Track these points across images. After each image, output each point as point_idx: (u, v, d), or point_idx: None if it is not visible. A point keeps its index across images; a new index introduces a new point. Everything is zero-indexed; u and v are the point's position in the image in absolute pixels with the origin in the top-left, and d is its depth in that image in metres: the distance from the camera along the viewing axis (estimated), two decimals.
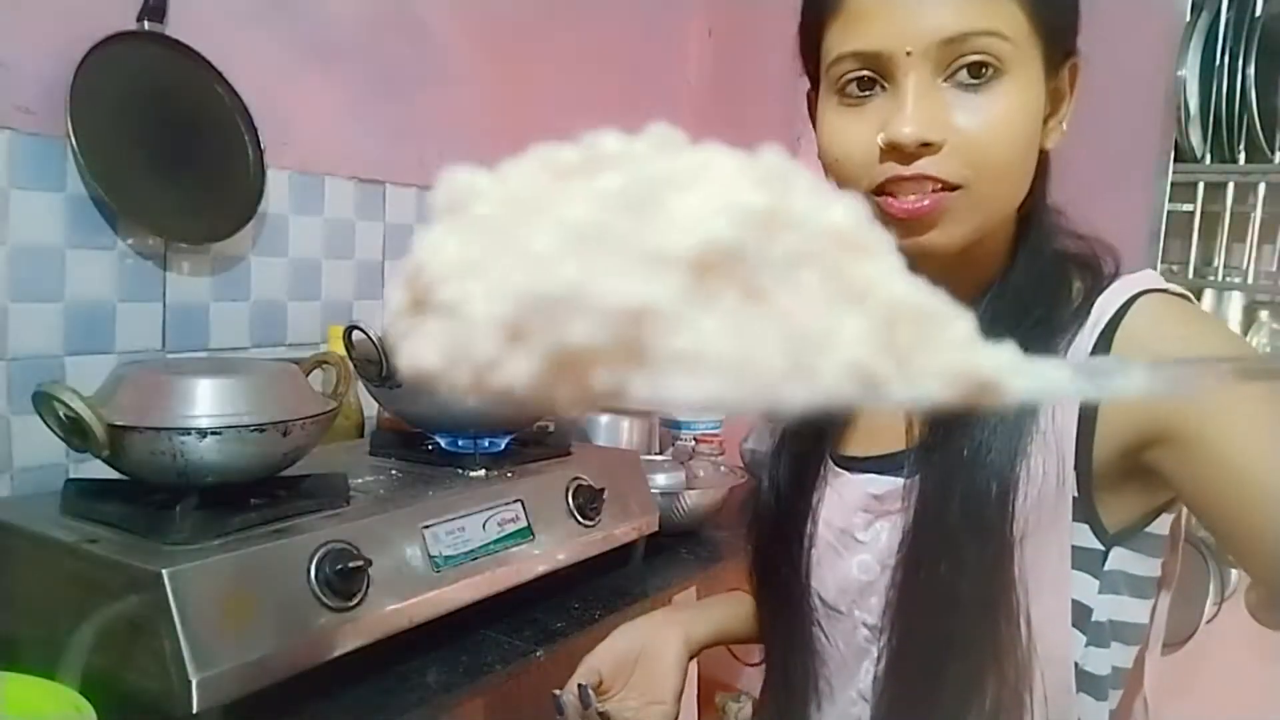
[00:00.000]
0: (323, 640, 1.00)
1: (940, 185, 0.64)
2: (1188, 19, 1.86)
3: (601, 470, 1.43)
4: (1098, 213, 2.34)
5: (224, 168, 1.49)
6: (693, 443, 1.93)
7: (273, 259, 1.61)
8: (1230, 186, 1.86)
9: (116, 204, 1.33)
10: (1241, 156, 1.84)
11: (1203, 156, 1.88)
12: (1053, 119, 0.72)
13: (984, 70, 0.63)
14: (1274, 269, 1.88)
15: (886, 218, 0.65)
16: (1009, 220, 0.73)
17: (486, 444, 1.41)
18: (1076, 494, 0.64)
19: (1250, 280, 1.86)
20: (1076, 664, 0.66)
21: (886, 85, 0.65)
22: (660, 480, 1.64)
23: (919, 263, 0.34)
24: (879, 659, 0.69)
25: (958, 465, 0.64)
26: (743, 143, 0.32)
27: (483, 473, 1.33)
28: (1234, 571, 1.88)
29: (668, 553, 1.57)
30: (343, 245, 1.73)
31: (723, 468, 1.84)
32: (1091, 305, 0.68)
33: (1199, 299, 1.99)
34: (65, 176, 1.32)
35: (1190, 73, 1.85)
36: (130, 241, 1.40)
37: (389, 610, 1.07)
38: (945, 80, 0.64)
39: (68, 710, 0.80)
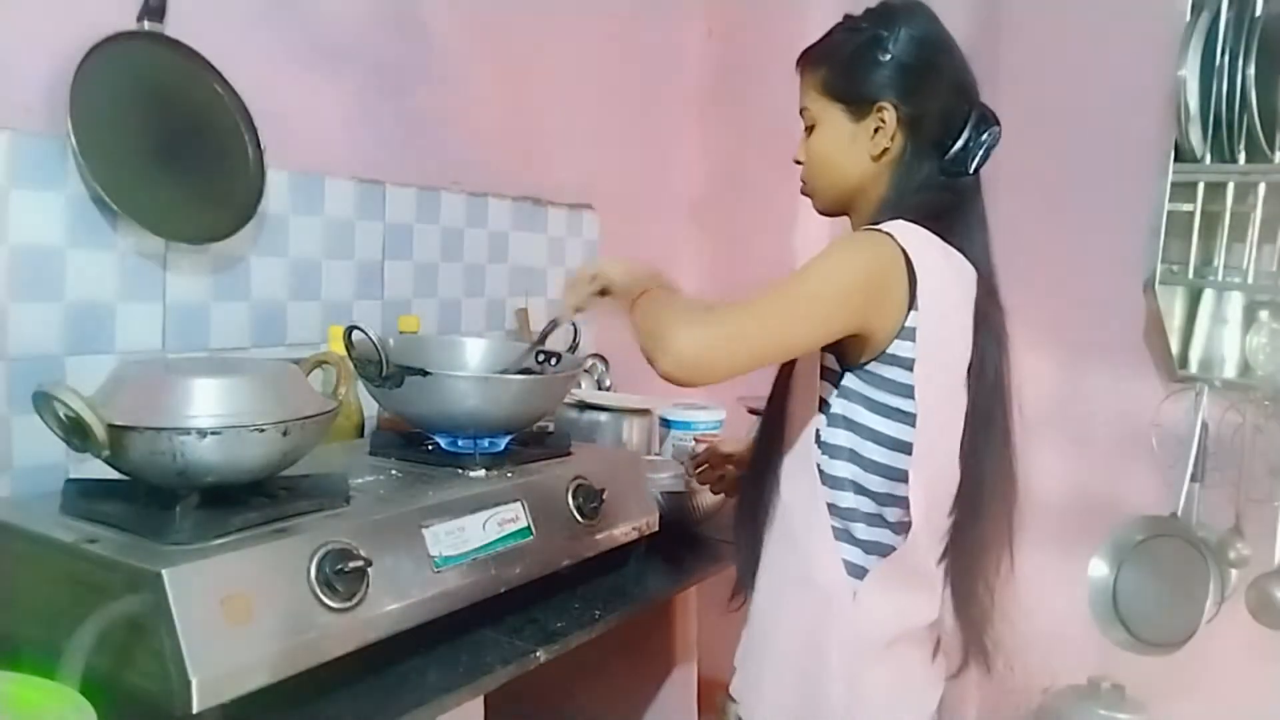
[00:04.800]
0: (323, 640, 1.00)
1: (803, 181, 1.22)
2: (1188, 19, 1.86)
3: (601, 470, 1.43)
4: (1098, 212, 2.35)
5: (224, 168, 1.49)
6: (692, 443, 1.93)
7: (273, 259, 1.61)
8: (1230, 186, 1.86)
9: (116, 204, 1.33)
10: (1241, 156, 1.83)
11: (1203, 156, 1.88)
12: (875, 139, 1.12)
13: (810, 127, 1.18)
14: (1274, 269, 1.88)
15: None
16: (861, 199, 1.16)
17: (486, 444, 1.41)
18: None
19: (1250, 280, 1.86)
20: (819, 432, 1.09)
21: None
22: (661, 480, 1.64)
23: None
24: None
25: None
26: (743, 142, 0.32)
27: (483, 473, 1.33)
28: (1234, 572, 1.88)
29: (668, 553, 1.57)
30: (342, 245, 1.73)
31: None
32: None
33: (1198, 299, 1.99)
34: (65, 176, 1.32)
35: (1190, 73, 1.85)
36: (130, 241, 1.40)
37: (389, 610, 1.07)
38: (804, 130, 1.20)
39: (68, 710, 0.80)
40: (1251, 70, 1.78)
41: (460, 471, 1.33)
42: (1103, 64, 2.03)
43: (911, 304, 1.03)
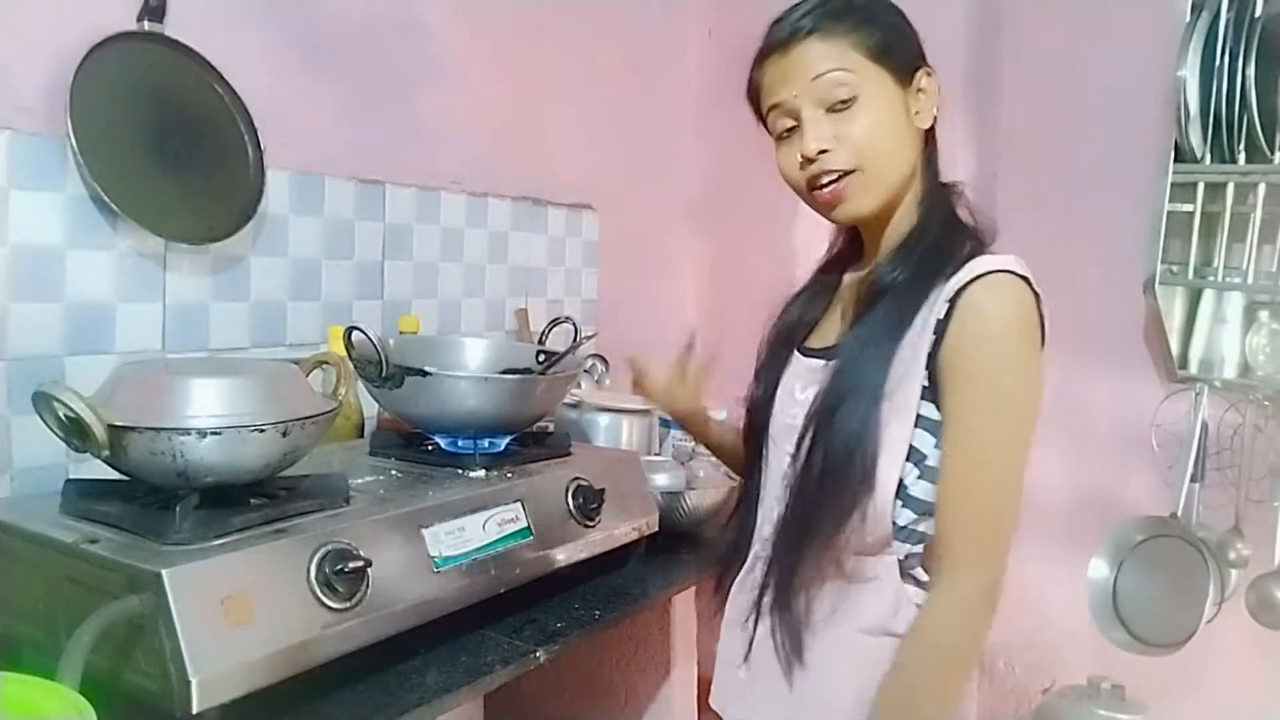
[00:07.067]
0: (323, 640, 1.00)
1: (838, 174, 0.99)
2: (1188, 19, 1.86)
3: (601, 470, 1.43)
4: (1098, 212, 2.36)
5: (224, 168, 1.49)
6: (693, 443, 1.93)
7: (272, 259, 1.61)
8: (1230, 186, 1.86)
9: (116, 204, 1.33)
10: (1241, 156, 1.83)
11: (1203, 156, 1.87)
12: (920, 108, 1.01)
13: (847, 100, 0.97)
14: (1274, 269, 1.87)
15: (819, 203, 1.03)
16: (906, 191, 1.03)
17: (486, 444, 1.41)
18: (926, 383, 0.97)
19: (1250, 280, 1.86)
20: (904, 486, 0.98)
21: (797, 123, 1.01)
22: (660, 480, 1.64)
23: (851, 226, 1.03)
24: (793, 474, 1.04)
25: (851, 355, 1.01)
26: (743, 142, 0.32)
27: (483, 473, 1.33)
28: (1234, 572, 1.88)
29: (668, 553, 1.57)
30: (342, 245, 1.73)
31: (722, 468, 1.84)
32: (958, 270, 0.97)
33: (1199, 299, 1.99)
34: (65, 176, 1.32)
35: (1190, 73, 1.85)
36: (130, 241, 1.40)
37: (389, 610, 1.07)
38: (827, 111, 0.99)
39: (68, 710, 0.80)
40: (1251, 70, 1.78)
41: (460, 472, 1.33)
42: (1103, 64, 2.03)
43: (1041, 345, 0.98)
